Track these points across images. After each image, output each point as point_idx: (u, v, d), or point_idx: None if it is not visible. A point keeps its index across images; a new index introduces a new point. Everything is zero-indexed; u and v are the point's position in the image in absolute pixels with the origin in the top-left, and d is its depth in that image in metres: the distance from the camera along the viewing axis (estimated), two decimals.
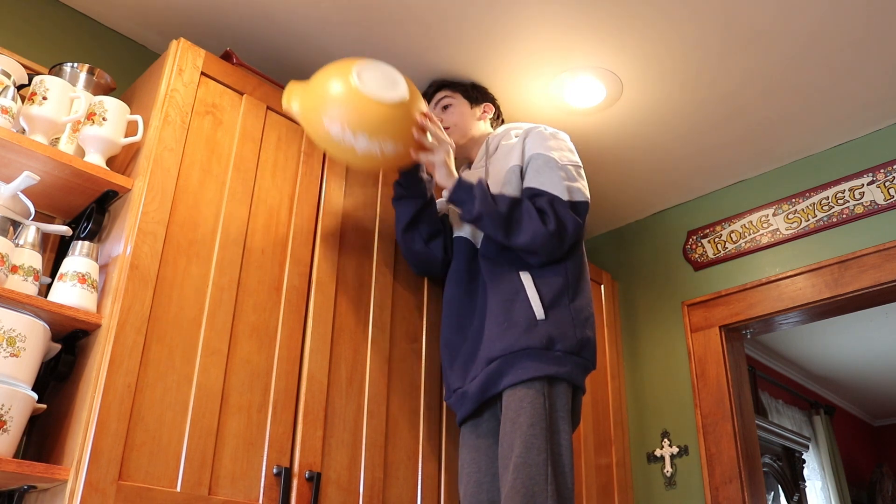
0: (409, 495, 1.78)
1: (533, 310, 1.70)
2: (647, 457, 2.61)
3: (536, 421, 1.59)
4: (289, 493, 1.54)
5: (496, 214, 1.72)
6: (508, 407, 1.64)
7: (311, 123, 1.64)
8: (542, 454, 1.56)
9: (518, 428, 1.58)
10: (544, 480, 1.53)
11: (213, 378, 1.50)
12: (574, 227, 1.74)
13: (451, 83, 2.15)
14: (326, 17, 2.00)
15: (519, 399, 1.62)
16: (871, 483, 5.42)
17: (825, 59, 2.12)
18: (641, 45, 2.08)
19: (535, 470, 1.54)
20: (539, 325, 1.68)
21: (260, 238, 1.69)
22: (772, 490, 4.25)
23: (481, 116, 2.11)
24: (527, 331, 1.67)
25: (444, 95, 2.11)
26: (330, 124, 1.60)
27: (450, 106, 2.10)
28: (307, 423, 1.62)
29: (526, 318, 1.69)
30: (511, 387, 1.65)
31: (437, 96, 2.13)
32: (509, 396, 1.65)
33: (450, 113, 2.08)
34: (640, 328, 2.79)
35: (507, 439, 1.60)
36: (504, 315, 1.72)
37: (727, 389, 2.47)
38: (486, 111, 2.13)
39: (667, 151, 2.54)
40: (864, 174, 2.39)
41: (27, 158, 1.48)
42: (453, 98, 2.11)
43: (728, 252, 2.63)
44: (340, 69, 1.65)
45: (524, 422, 1.59)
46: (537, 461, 1.54)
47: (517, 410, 1.61)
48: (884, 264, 2.27)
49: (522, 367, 1.64)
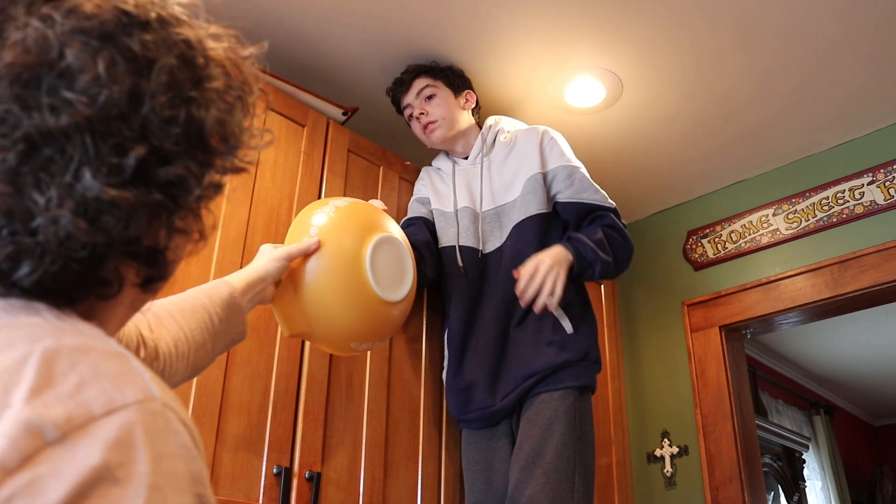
0: (409, 495, 1.77)
1: (563, 326, 1.75)
2: (647, 457, 2.61)
3: (568, 430, 1.63)
4: (289, 493, 1.54)
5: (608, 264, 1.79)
6: (540, 412, 1.66)
7: (334, 345, 1.40)
8: (571, 463, 1.60)
9: (550, 435, 1.62)
10: (571, 488, 1.57)
11: (213, 378, 1.50)
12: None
13: (429, 69, 2.02)
14: (326, 16, 2.00)
15: (553, 407, 1.66)
16: (871, 483, 5.42)
17: (825, 59, 2.12)
18: (641, 45, 2.08)
19: (565, 477, 1.57)
20: (571, 339, 1.74)
21: (260, 238, 1.69)
22: (772, 490, 4.25)
23: (465, 106, 2.02)
24: (562, 347, 1.72)
25: (426, 84, 1.98)
26: (358, 346, 1.38)
27: (434, 96, 1.98)
28: (307, 423, 1.62)
29: (559, 334, 1.74)
30: (545, 393, 1.69)
31: (418, 84, 1.99)
32: (542, 402, 1.68)
33: (435, 105, 1.97)
34: (640, 328, 2.79)
35: (535, 443, 1.62)
36: (537, 333, 1.75)
37: (727, 389, 2.47)
38: (469, 99, 2.04)
39: (667, 151, 2.54)
40: (864, 174, 2.39)
41: None
42: (436, 87, 1.99)
43: (728, 252, 2.63)
44: (354, 266, 1.29)
45: (557, 430, 1.62)
46: (566, 469, 1.58)
47: (551, 418, 1.64)
48: (884, 264, 2.27)
49: (560, 378, 1.70)
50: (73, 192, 0.52)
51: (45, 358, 0.47)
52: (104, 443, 0.45)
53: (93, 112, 0.52)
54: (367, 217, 1.38)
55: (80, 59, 0.52)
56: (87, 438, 0.44)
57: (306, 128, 1.89)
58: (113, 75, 0.53)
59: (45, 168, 0.52)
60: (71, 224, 0.52)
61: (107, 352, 0.51)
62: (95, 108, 0.52)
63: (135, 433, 0.46)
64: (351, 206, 1.38)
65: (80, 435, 0.44)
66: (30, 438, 0.43)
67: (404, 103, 2.03)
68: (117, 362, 0.50)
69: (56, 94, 0.52)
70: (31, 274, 0.53)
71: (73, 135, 0.52)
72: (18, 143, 0.51)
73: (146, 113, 0.55)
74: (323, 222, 1.31)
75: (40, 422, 0.44)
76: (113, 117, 0.53)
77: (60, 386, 0.46)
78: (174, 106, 0.57)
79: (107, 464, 0.44)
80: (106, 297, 0.58)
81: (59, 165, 0.52)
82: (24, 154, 0.51)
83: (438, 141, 1.99)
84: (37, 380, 0.46)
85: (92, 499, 0.43)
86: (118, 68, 0.54)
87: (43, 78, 0.52)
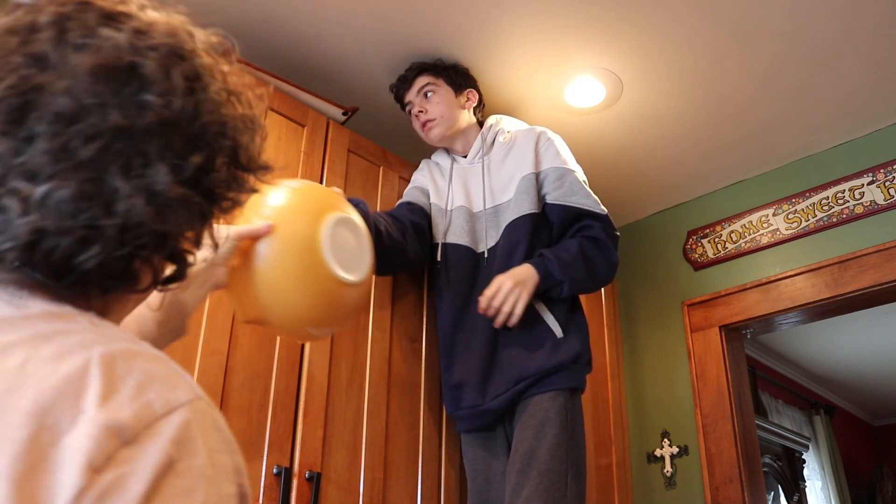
0: (409, 495, 1.78)
1: (553, 330, 1.76)
2: (647, 457, 2.61)
3: (560, 432, 1.65)
4: (289, 493, 1.54)
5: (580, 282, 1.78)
6: (533, 414, 1.68)
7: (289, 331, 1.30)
8: (564, 463, 1.62)
9: (543, 436, 1.63)
10: (564, 487, 1.59)
11: (213, 378, 1.50)
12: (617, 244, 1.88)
13: (432, 66, 2.02)
14: (326, 16, 2.00)
15: (545, 409, 1.68)
16: (871, 483, 5.42)
17: (825, 59, 2.12)
18: (641, 45, 2.08)
19: (558, 477, 1.59)
20: (562, 342, 1.75)
21: None
22: (772, 490, 4.25)
23: (465, 105, 2.01)
24: (553, 351, 1.73)
25: (427, 82, 1.99)
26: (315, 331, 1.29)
27: (433, 93, 1.98)
28: (307, 423, 1.62)
29: (549, 338, 1.75)
30: (537, 395, 1.70)
31: (420, 82, 1.99)
32: (535, 404, 1.69)
33: (434, 102, 1.97)
34: (640, 328, 2.79)
35: (529, 445, 1.64)
36: (527, 336, 1.76)
37: (727, 389, 2.47)
38: (470, 98, 2.03)
39: (667, 151, 2.54)
40: (864, 174, 2.39)
41: None
42: (437, 85, 1.98)
43: (728, 252, 2.63)
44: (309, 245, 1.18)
45: (549, 431, 1.64)
46: (559, 470, 1.60)
47: (543, 420, 1.66)
48: (884, 264, 2.27)
49: (552, 381, 1.71)
50: (146, 184, 0.59)
51: (104, 364, 0.52)
52: (167, 440, 0.50)
53: (167, 116, 0.61)
54: (323, 197, 1.31)
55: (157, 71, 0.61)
56: (154, 437, 0.50)
57: (306, 128, 1.89)
58: (182, 88, 0.62)
59: (126, 159, 0.59)
60: (143, 212, 0.59)
61: (149, 355, 0.56)
62: (169, 113, 0.61)
63: (191, 430, 0.52)
64: (306, 186, 1.33)
65: (148, 434, 0.50)
66: (110, 439, 0.48)
67: (406, 100, 2.04)
68: (162, 364, 0.56)
69: (138, 96, 0.60)
70: (96, 257, 0.58)
71: (151, 133, 0.60)
72: (105, 133, 0.58)
73: (202, 125, 0.64)
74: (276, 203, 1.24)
75: (115, 424, 0.49)
76: (181, 124, 0.62)
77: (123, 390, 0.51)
78: (222, 124, 0.66)
79: (170, 459, 0.49)
80: (136, 290, 0.65)
81: (137, 159, 0.59)
82: (108, 144, 0.58)
83: (437, 139, 1.99)
84: (103, 385, 0.51)
85: (163, 492, 0.48)
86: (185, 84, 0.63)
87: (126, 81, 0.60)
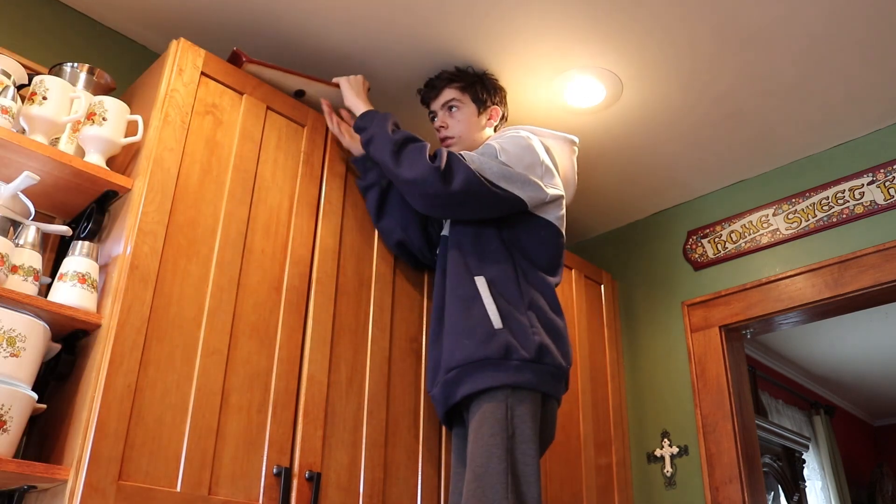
0: (409, 495, 1.78)
1: (490, 319, 1.67)
2: (647, 457, 2.61)
3: (497, 430, 1.57)
4: (289, 493, 1.54)
5: (387, 139, 1.75)
6: (473, 416, 1.63)
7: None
8: (503, 463, 1.53)
9: (479, 437, 1.57)
10: (504, 489, 1.50)
11: (213, 378, 1.50)
12: (465, 178, 1.69)
13: (461, 77, 2.03)
14: (328, 15, 2.00)
15: (482, 409, 1.62)
16: (871, 483, 5.42)
17: (825, 58, 2.12)
18: (641, 45, 2.08)
19: (495, 479, 1.51)
20: (496, 334, 1.66)
21: (260, 238, 1.69)
22: (772, 490, 4.25)
23: (487, 123, 2.02)
24: (484, 341, 1.65)
25: (453, 97, 2.00)
26: None
27: (457, 109, 1.99)
28: (307, 423, 1.62)
29: (483, 327, 1.67)
30: (476, 397, 1.64)
31: (446, 95, 2.01)
32: (474, 406, 1.64)
33: (456, 119, 1.98)
34: (640, 328, 2.79)
35: (470, 448, 1.59)
36: (462, 322, 1.70)
37: (727, 389, 2.47)
38: (493, 117, 2.03)
39: (667, 151, 2.54)
40: (864, 174, 2.39)
41: (27, 158, 1.48)
42: (462, 102, 2.00)
43: (728, 252, 2.63)
44: None
45: (485, 431, 1.57)
46: (497, 470, 1.52)
47: (480, 420, 1.60)
48: (884, 264, 2.27)
49: (480, 377, 1.63)
50: None
51: None
52: None
53: None
54: None
55: None
56: None
57: (306, 128, 1.89)
58: None
59: None
60: None
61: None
62: None
63: None
64: None
65: None
66: None
67: (431, 108, 2.07)
68: None
69: None
70: None
71: None
72: None
73: None
74: None
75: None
76: None
77: None
78: None
79: None
80: None
81: None
82: None
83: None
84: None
85: None
86: None
87: None
